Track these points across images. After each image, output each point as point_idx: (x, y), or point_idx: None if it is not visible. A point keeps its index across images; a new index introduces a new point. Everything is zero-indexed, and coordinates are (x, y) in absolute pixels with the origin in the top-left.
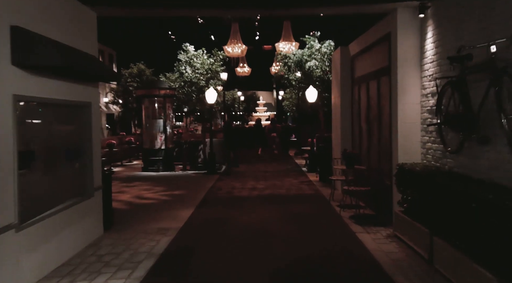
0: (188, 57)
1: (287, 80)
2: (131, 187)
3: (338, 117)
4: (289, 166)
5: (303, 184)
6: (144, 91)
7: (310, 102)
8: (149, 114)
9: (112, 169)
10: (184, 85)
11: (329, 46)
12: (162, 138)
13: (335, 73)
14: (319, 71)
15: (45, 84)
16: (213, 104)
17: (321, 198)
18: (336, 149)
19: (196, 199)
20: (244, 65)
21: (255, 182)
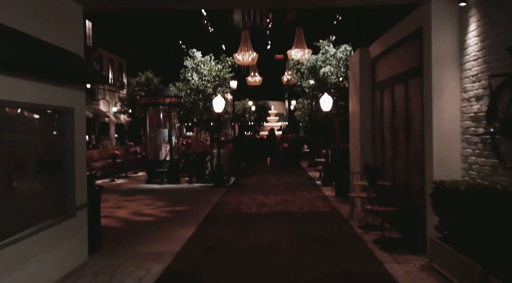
0: (195, 64)
1: (300, 88)
2: (130, 202)
3: (356, 127)
4: (302, 178)
5: (317, 199)
6: (148, 99)
7: (325, 111)
8: (154, 123)
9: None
10: (191, 93)
11: (344, 51)
12: (167, 149)
13: (353, 78)
14: (334, 77)
15: (9, 84)
16: (221, 113)
17: (339, 217)
18: (354, 162)
19: (199, 216)
20: (255, 74)
21: (265, 196)
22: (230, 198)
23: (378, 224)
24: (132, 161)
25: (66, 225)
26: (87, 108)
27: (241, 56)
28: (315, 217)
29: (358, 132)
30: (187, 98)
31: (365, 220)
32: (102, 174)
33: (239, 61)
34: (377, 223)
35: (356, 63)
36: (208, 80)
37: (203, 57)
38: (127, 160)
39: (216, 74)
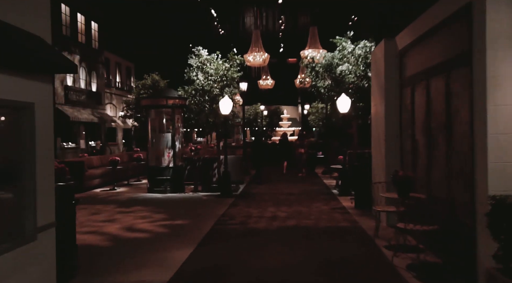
0: (200, 62)
1: (315, 88)
2: (126, 214)
3: (380, 130)
4: (317, 187)
5: (335, 212)
6: (149, 100)
7: (342, 113)
8: (156, 127)
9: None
10: (196, 94)
11: (364, 47)
12: (170, 155)
13: (377, 75)
14: (353, 76)
15: None
16: (228, 116)
17: (362, 234)
18: (378, 170)
19: (199, 232)
20: (267, 77)
21: (276, 208)
22: (237, 210)
23: (410, 245)
24: (135, 168)
25: (24, 251)
26: (92, 112)
27: (252, 57)
28: (334, 234)
29: (382, 136)
30: (192, 100)
31: (394, 238)
32: (102, 182)
33: (250, 62)
34: (408, 242)
35: (380, 57)
36: (214, 80)
37: (209, 55)
38: (129, 167)
39: (223, 73)
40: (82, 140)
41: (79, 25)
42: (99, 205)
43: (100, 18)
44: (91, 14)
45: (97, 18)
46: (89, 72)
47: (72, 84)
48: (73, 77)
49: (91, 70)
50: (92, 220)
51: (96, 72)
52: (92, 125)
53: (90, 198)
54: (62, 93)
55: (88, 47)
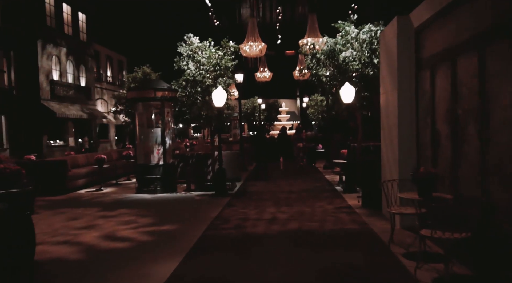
0: (191, 50)
1: (316, 77)
2: (108, 219)
3: (392, 120)
4: (319, 183)
5: (341, 211)
6: (136, 93)
7: (346, 103)
8: (144, 122)
9: (33, 210)
10: (186, 85)
11: (369, 32)
12: (159, 152)
13: (387, 58)
14: (357, 63)
15: None
16: (222, 108)
17: (374, 239)
18: (389, 166)
19: (189, 239)
20: (264, 70)
21: (276, 208)
22: (233, 212)
23: (432, 252)
24: (125, 166)
25: None
26: (81, 108)
27: (248, 47)
28: (342, 240)
29: (394, 128)
30: (183, 91)
31: (413, 245)
32: (87, 182)
33: (246, 53)
34: (428, 248)
35: (392, 38)
36: (206, 70)
37: (201, 43)
38: (117, 165)
39: (217, 62)
40: (70, 137)
41: (65, 16)
42: (80, 209)
43: (88, 9)
44: (78, 5)
45: (85, 9)
46: (77, 66)
47: (58, 79)
48: (59, 71)
49: (79, 64)
50: (68, 227)
51: (85, 66)
52: (81, 121)
53: (72, 201)
54: (48, 88)
55: (75, 40)
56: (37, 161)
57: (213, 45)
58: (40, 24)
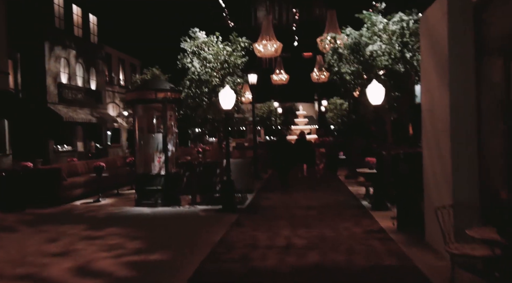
0: (196, 46)
1: (338, 75)
2: (92, 241)
3: (442, 123)
4: (342, 196)
5: (372, 237)
6: (135, 94)
7: (374, 104)
8: (144, 126)
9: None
10: (191, 85)
11: (400, 22)
12: (161, 160)
13: (432, 46)
14: (386, 58)
15: None
16: (230, 111)
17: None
18: (436, 182)
19: (180, 276)
20: (280, 72)
21: (291, 230)
22: (240, 234)
23: None
24: (129, 174)
25: None
26: (91, 112)
27: (262, 47)
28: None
29: (444, 133)
30: (187, 92)
31: None
32: (86, 192)
33: (260, 52)
34: None
35: (440, 19)
36: (213, 67)
37: (207, 37)
38: (119, 173)
39: (225, 58)
40: (79, 142)
41: (75, 18)
42: (65, 226)
43: (99, 11)
44: (88, 6)
45: (96, 10)
46: (87, 68)
47: (67, 82)
48: (68, 74)
49: (89, 67)
50: (41, 253)
51: (96, 69)
52: (91, 126)
53: (62, 215)
54: (55, 91)
55: (85, 42)
56: (28, 169)
57: (221, 41)
58: (48, 26)
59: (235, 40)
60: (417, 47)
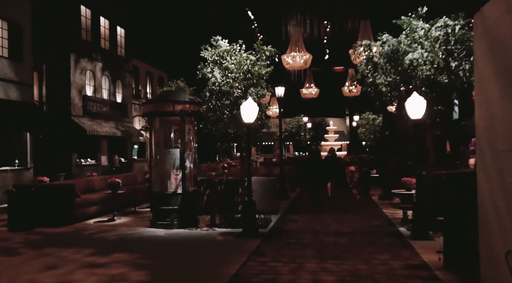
0: (217, 55)
1: (372, 88)
2: (93, 270)
3: (506, 141)
4: (376, 221)
5: (414, 275)
6: (152, 106)
7: (413, 119)
8: (160, 141)
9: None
10: (211, 96)
11: (444, 28)
12: (177, 177)
13: (491, 50)
14: (429, 68)
15: None
16: (254, 124)
17: None
18: (496, 215)
19: None
20: (310, 85)
21: (318, 262)
22: (259, 266)
23: None
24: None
25: None
26: (116, 125)
27: (291, 58)
28: None
29: (509, 154)
30: (206, 105)
31: None
32: (101, 209)
33: (289, 64)
34: None
35: (502, 16)
36: (235, 78)
37: (229, 45)
38: (137, 189)
39: (248, 68)
40: (103, 156)
41: (102, 30)
42: (70, 250)
43: (127, 24)
44: (116, 19)
45: (124, 23)
46: (113, 81)
47: (92, 94)
48: (93, 86)
49: (115, 79)
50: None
51: (122, 82)
52: (115, 139)
53: (71, 236)
54: (80, 104)
55: (112, 54)
56: (39, 185)
57: (244, 49)
58: (74, 38)
59: (260, 48)
60: (463, 56)
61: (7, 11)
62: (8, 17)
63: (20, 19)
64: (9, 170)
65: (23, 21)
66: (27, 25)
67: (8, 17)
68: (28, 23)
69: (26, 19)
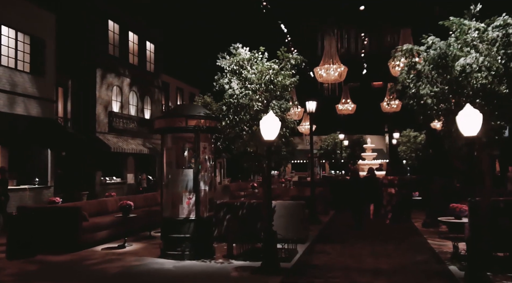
0: (236, 64)
1: (415, 100)
2: None
3: None
4: (420, 255)
5: None
6: (164, 121)
7: (466, 136)
8: (172, 160)
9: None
10: (228, 110)
11: (504, 27)
12: (190, 201)
13: None
14: (484, 75)
15: None
16: (273, 142)
17: None
18: None
19: None
20: (347, 101)
21: None
22: None
23: None
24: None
25: None
26: (143, 143)
27: (324, 71)
28: None
29: None
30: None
31: None
32: (112, 234)
33: (322, 77)
34: None
35: None
36: (256, 89)
37: (250, 53)
38: (153, 212)
39: (270, 78)
40: (130, 174)
41: (131, 45)
42: None
43: (158, 39)
44: (146, 34)
45: (154, 38)
46: (141, 97)
47: (118, 110)
48: (120, 102)
49: (144, 95)
50: None
51: (151, 98)
52: (143, 157)
53: (70, 266)
54: (106, 120)
55: (141, 70)
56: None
57: (266, 58)
58: (101, 53)
59: (284, 56)
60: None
61: (29, 25)
62: (31, 31)
63: (43, 33)
64: (27, 189)
65: (46, 36)
66: (50, 40)
67: (31, 31)
68: (52, 37)
69: (49, 33)
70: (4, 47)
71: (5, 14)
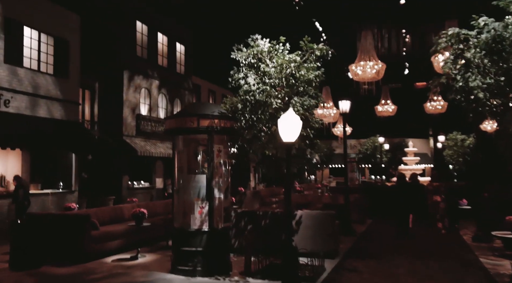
0: (254, 57)
1: (463, 95)
2: None
3: None
4: (470, 276)
5: None
6: (174, 121)
7: None
8: (183, 165)
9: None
10: (244, 109)
11: None
12: (202, 211)
13: None
14: None
15: None
16: (293, 144)
17: None
18: None
19: None
20: (387, 102)
21: None
22: None
23: None
24: None
25: None
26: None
27: (360, 69)
28: None
29: None
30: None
31: None
32: (125, 243)
33: (358, 75)
34: None
35: None
36: (275, 84)
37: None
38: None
39: (291, 72)
40: (158, 178)
41: (160, 46)
42: None
43: (188, 40)
44: (176, 35)
45: (184, 40)
46: (170, 99)
47: (147, 113)
48: (149, 105)
49: (173, 98)
50: None
51: (181, 100)
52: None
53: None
54: (133, 123)
55: (170, 72)
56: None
57: (288, 49)
58: (129, 55)
59: (308, 46)
60: None
61: (53, 26)
62: (54, 33)
63: (68, 34)
64: (50, 194)
65: (71, 37)
66: (75, 41)
67: (54, 33)
68: (77, 38)
69: (74, 34)
70: (27, 48)
71: (28, 15)
